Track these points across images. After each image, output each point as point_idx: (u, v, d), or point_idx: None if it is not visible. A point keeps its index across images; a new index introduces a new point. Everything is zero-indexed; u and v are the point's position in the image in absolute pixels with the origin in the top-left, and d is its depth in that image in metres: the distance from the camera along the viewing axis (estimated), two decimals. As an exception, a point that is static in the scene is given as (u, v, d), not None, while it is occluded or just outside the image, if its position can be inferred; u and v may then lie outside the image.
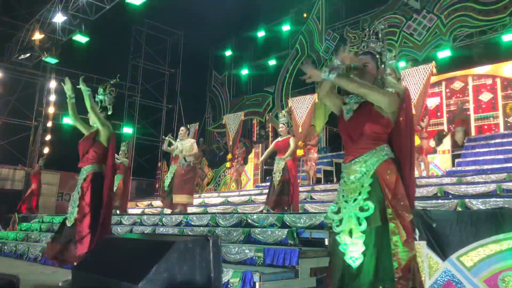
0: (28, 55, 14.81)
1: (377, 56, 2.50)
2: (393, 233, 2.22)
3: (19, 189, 15.46)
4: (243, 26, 17.14)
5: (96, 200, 4.02)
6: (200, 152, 7.98)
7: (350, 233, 2.28)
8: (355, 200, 2.32)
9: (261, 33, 16.84)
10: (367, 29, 2.59)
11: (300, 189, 8.51)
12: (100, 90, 4.42)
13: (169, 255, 1.85)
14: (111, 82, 4.46)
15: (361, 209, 2.28)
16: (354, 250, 2.25)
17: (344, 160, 2.47)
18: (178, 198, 7.63)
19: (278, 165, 6.83)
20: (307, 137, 10.67)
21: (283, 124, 6.95)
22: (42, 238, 8.08)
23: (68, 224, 4.12)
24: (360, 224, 2.25)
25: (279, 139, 6.98)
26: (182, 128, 8.03)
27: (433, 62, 9.32)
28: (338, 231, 2.33)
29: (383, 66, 2.51)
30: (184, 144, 7.80)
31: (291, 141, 6.79)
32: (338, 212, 2.39)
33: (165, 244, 1.93)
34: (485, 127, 11.86)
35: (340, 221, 2.35)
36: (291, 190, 6.61)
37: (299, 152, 10.35)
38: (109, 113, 4.40)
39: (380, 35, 2.56)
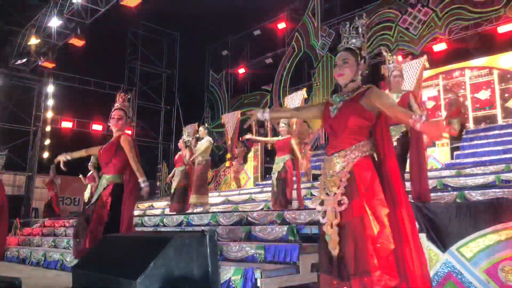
0: (24, 60, 14.80)
1: (357, 51, 2.55)
2: (369, 226, 2.27)
3: (20, 194, 15.48)
4: (238, 25, 17.15)
5: (115, 212, 3.96)
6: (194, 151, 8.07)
7: (331, 225, 2.38)
8: (334, 194, 2.41)
9: (257, 32, 16.84)
10: (348, 25, 2.64)
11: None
12: (120, 99, 4.35)
13: (166, 251, 1.87)
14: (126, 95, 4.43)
15: (338, 203, 2.37)
16: (332, 241, 2.35)
17: (326, 152, 2.56)
18: (191, 199, 7.72)
19: (277, 165, 6.87)
20: (301, 134, 10.68)
21: (284, 124, 6.97)
22: (44, 242, 8.11)
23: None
24: (335, 218, 2.36)
25: (279, 138, 6.98)
26: (200, 128, 8.16)
27: (425, 56, 9.34)
28: (323, 223, 2.42)
29: (363, 61, 2.56)
30: (199, 144, 7.98)
31: (293, 143, 6.83)
32: (322, 204, 2.47)
33: (162, 240, 1.95)
34: (482, 118, 11.87)
35: (325, 213, 2.43)
36: (289, 189, 6.67)
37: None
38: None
39: (360, 30, 2.61)
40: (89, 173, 10.71)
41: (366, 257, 2.21)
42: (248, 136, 7.90)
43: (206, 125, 8.25)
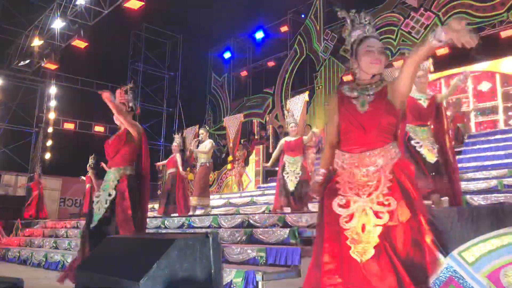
0: (27, 61, 14.85)
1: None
2: (425, 231, 2.12)
3: (21, 195, 15.51)
4: (241, 28, 17.19)
5: (135, 203, 3.86)
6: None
7: (363, 228, 2.15)
8: (370, 194, 2.20)
9: (259, 35, 16.88)
10: (362, 13, 2.53)
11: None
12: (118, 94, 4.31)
13: (169, 252, 1.86)
14: (129, 86, 4.36)
15: (381, 204, 2.16)
16: (364, 244, 2.12)
17: (349, 149, 2.32)
18: (193, 201, 7.70)
19: (293, 166, 6.65)
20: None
21: (294, 124, 6.92)
22: (45, 244, 8.11)
23: (92, 225, 3.83)
24: (380, 218, 2.13)
25: (291, 139, 6.83)
26: (201, 130, 8.12)
27: (430, 59, 9.31)
28: (347, 227, 2.18)
29: None
30: (201, 146, 7.95)
31: (304, 142, 6.84)
32: (345, 206, 2.23)
33: (166, 241, 1.95)
34: (485, 124, 11.87)
35: (350, 216, 2.20)
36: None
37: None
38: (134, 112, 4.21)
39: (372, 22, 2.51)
40: (87, 174, 10.78)
41: (425, 265, 2.07)
42: (265, 164, 7.78)
43: (207, 127, 8.19)
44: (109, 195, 3.84)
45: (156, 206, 11.35)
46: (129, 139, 3.98)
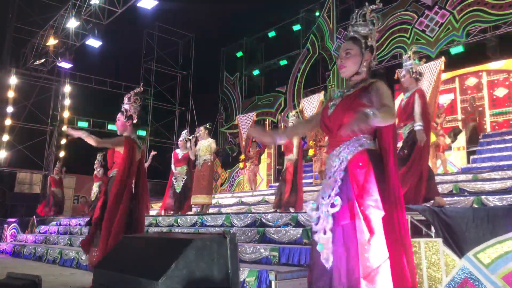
0: (43, 60, 15.06)
1: (362, 40, 2.33)
2: (361, 232, 2.01)
3: (36, 192, 15.73)
4: (253, 26, 17.19)
5: (114, 204, 3.98)
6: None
7: (324, 231, 2.12)
8: (329, 196, 2.17)
9: (271, 33, 16.86)
10: (355, 12, 2.42)
11: (314, 188, 8.51)
12: (125, 99, 4.41)
13: (187, 252, 1.88)
14: (135, 91, 4.44)
15: (332, 205, 2.12)
16: (325, 249, 2.10)
17: (327, 152, 2.44)
18: (196, 199, 7.67)
19: (284, 166, 7.05)
20: (317, 136, 10.67)
21: (292, 121, 7.14)
22: (60, 241, 8.23)
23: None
24: (328, 222, 2.10)
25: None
26: (200, 128, 8.00)
27: (443, 58, 9.21)
28: (316, 230, 2.17)
29: (368, 50, 2.33)
30: (202, 144, 7.84)
31: (294, 140, 6.85)
32: (317, 209, 2.23)
33: (183, 241, 1.97)
34: (500, 123, 11.70)
35: (318, 219, 2.19)
36: (288, 188, 6.70)
37: (310, 152, 10.42)
38: (134, 121, 4.31)
39: (367, 17, 2.37)
40: (95, 172, 10.88)
41: (355, 267, 1.96)
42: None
43: (208, 125, 8.07)
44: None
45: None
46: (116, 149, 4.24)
